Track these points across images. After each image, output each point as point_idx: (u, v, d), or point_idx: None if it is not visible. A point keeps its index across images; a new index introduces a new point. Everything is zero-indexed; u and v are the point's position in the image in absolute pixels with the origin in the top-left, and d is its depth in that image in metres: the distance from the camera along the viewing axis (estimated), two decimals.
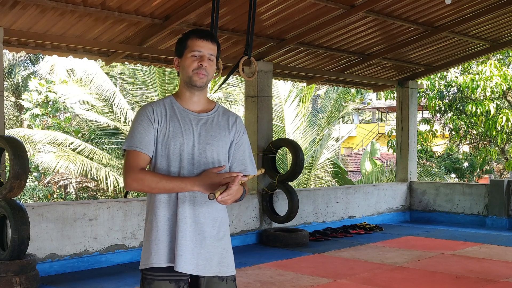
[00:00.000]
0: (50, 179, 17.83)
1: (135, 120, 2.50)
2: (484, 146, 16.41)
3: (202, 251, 2.44)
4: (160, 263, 2.42)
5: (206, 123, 2.51)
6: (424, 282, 5.99)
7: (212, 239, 2.48)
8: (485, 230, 9.67)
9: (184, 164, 2.44)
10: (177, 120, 2.48)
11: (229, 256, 2.55)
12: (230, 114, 2.61)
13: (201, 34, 2.51)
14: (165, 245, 2.43)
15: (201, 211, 2.46)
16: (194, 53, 2.47)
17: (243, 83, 10.69)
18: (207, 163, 2.46)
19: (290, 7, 7.20)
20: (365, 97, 27.23)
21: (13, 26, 6.28)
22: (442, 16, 8.44)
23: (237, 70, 6.64)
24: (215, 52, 2.51)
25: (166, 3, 6.53)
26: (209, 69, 2.49)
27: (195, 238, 2.43)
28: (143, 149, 2.44)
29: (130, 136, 2.48)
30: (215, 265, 2.48)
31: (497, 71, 13.57)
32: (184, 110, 2.51)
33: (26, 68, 23.08)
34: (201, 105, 2.55)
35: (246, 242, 8.20)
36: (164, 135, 2.46)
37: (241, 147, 2.59)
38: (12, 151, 5.28)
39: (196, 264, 2.43)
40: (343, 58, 9.57)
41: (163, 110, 2.49)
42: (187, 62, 2.48)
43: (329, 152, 17.00)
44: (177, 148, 2.44)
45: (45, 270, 6.03)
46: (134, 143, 2.44)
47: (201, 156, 2.46)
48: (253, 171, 2.60)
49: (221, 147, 2.51)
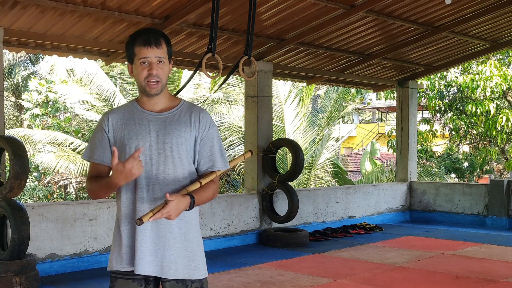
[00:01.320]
0: (50, 179, 17.83)
1: (94, 131, 2.56)
2: (484, 146, 16.41)
3: (166, 253, 2.40)
4: (122, 267, 2.44)
5: (166, 122, 2.46)
6: (424, 282, 5.99)
7: (176, 241, 2.42)
8: (485, 230, 9.67)
9: (142, 165, 2.38)
10: (133, 123, 2.46)
11: (198, 259, 2.48)
12: (194, 109, 2.53)
13: (145, 40, 2.41)
14: (125, 249, 2.43)
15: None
16: (142, 60, 2.42)
17: (243, 83, 10.70)
18: (166, 162, 2.42)
19: (290, 7, 7.19)
20: (365, 97, 27.25)
21: (13, 26, 6.28)
22: (442, 16, 8.44)
23: (237, 70, 6.63)
24: (164, 53, 2.43)
25: (166, 3, 6.53)
26: (161, 74, 2.42)
27: (158, 240, 2.40)
28: (97, 159, 2.48)
29: (87, 146, 2.55)
30: (181, 268, 2.42)
31: (497, 71, 13.57)
32: (142, 112, 2.49)
33: (26, 68, 23.07)
34: (162, 105, 2.50)
35: (246, 242, 8.20)
36: (120, 140, 2.46)
37: (208, 143, 2.51)
38: (12, 151, 5.28)
39: (160, 266, 2.40)
40: (343, 58, 9.57)
41: (120, 115, 2.50)
42: (137, 71, 2.44)
43: (329, 152, 16.99)
44: (132, 150, 2.40)
45: (45, 270, 6.03)
46: (88, 153, 2.53)
47: (160, 156, 2.42)
48: (224, 165, 2.53)
49: (181, 143, 2.44)
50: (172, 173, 2.42)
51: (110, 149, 2.46)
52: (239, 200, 8.18)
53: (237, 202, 8.13)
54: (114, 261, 2.46)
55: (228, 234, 7.98)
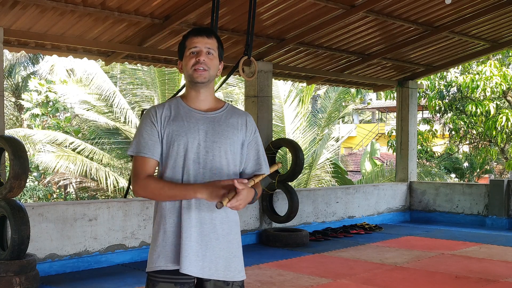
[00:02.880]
0: (50, 179, 17.83)
1: (140, 125, 2.50)
2: (484, 146, 16.42)
3: (207, 253, 2.38)
4: (166, 266, 2.38)
5: (214, 122, 2.45)
6: (424, 282, 5.99)
7: (219, 241, 2.41)
8: (485, 230, 9.67)
9: (190, 163, 2.39)
10: (181, 119, 2.44)
11: (237, 261, 2.47)
12: (240, 113, 2.55)
13: (197, 31, 2.48)
14: (171, 248, 2.39)
15: (208, 211, 2.40)
16: (191, 50, 2.45)
17: (243, 83, 10.70)
18: (214, 162, 2.41)
19: (290, 7, 7.20)
20: (365, 97, 27.23)
21: (13, 26, 6.28)
22: (442, 16, 8.44)
23: (237, 70, 6.64)
24: (214, 45, 2.46)
25: (166, 3, 6.53)
26: (209, 63, 2.43)
27: (201, 239, 2.38)
28: (147, 153, 2.42)
29: (134, 141, 2.47)
30: (221, 269, 2.41)
31: (497, 71, 13.57)
32: (190, 109, 2.47)
33: (26, 68, 23.05)
34: (209, 104, 2.50)
35: (246, 242, 8.19)
36: (168, 135, 2.42)
37: (255, 146, 2.53)
38: (12, 151, 5.28)
39: (201, 266, 2.37)
40: (343, 58, 9.57)
41: (168, 111, 2.47)
42: (186, 61, 2.46)
43: (329, 152, 16.99)
44: (181, 147, 2.40)
45: (45, 270, 6.03)
46: (139, 148, 2.44)
47: (207, 154, 2.41)
48: (267, 170, 2.55)
49: (229, 145, 2.44)
50: (219, 173, 2.41)
51: (160, 143, 2.43)
52: None
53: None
54: (156, 260, 2.40)
55: None
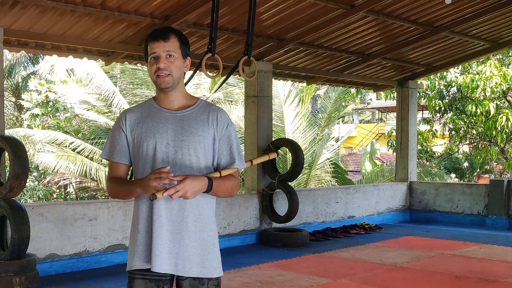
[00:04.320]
0: (50, 179, 17.82)
1: (111, 129, 2.58)
2: (484, 146, 16.41)
3: (180, 251, 2.41)
4: (141, 265, 2.44)
5: (183, 120, 2.47)
6: (424, 282, 5.99)
7: (191, 239, 2.43)
8: (485, 230, 9.67)
9: (158, 164, 2.41)
10: (151, 120, 2.48)
11: (212, 258, 2.48)
12: (212, 108, 2.54)
13: (153, 36, 2.45)
14: (145, 247, 2.44)
15: (179, 209, 2.42)
16: (151, 55, 2.45)
17: (243, 83, 10.69)
18: (183, 160, 2.43)
19: (290, 7, 7.19)
20: (365, 97, 27.23)
21: (13, 26, 6.28)
22: (442, 16, 8.44)
23: (237, 70, 6.64)
24: (173, 46, 2.44)
25: (166, 3, 6.53)
26: (170, 67, 2.43)
27: (173, 237, 2.41)
28: (115, 157, 2.52)
29: (105, 145, 2.57)
30: (195, 266, 2.43)
31: (497, 71, 13.57)
32: (160, 110, 2.50)
33: (26, 68, 23.04)
34: (180, 102, 2.52)
35: (246, 242, 8.20)
36: (137, 137, 2.48)
37: (227, 141, 2.52)
38: (12, 151, 5.28)
39: (174, 264, 2.41)
40: (343, 58, 9.57)
41: (138, 114, 2.52)
42: (149, 67, 2.48)
43: (329, 152, 16.98)
44: (150, 148, 2.44)
45: (45, 270, 6.03)
46: (106, 152, 2.56)
47: (176, 153, 2.43)
48: (240, 164, 2.54)
49: (198, 142, 2.45)
50: (189, 171, 2.42)
51: (128, 148, 2.51)
52: (239, 200, 8.18)
53: (237, 202, 8.12)
54: (132, 260, 2.47)
55: (228, 234, 7.98)
